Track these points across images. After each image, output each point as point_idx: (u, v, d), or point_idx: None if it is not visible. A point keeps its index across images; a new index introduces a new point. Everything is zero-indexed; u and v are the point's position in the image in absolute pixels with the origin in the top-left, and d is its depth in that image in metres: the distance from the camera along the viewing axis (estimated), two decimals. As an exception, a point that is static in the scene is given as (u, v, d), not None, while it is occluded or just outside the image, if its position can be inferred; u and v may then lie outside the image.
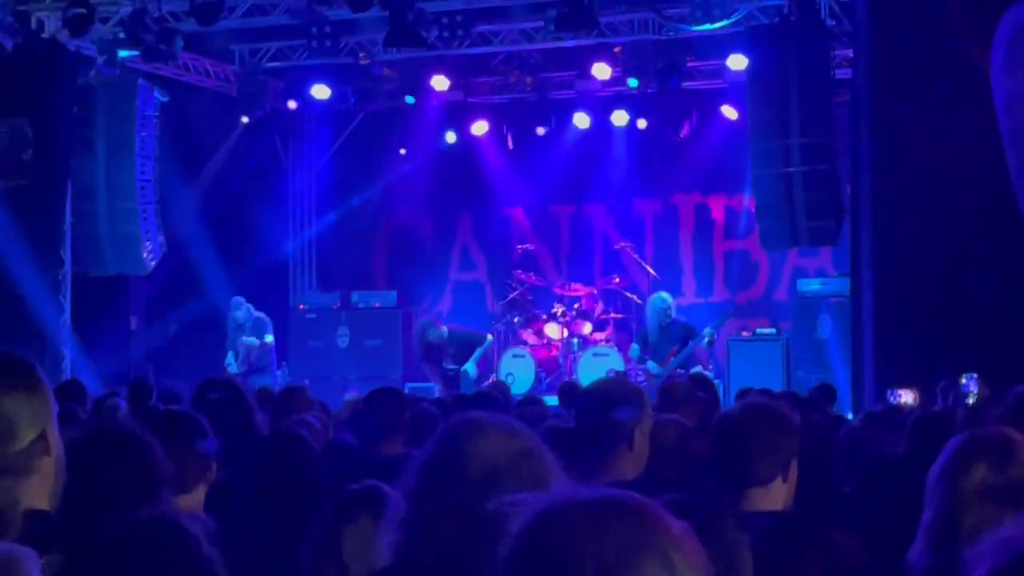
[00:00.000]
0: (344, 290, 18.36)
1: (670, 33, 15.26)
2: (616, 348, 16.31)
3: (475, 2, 14.84)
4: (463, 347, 16.31)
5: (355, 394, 10.94)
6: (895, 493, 4.90)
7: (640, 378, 14.62)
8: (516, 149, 18.86)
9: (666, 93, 16.76)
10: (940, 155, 11.95)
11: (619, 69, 16.54)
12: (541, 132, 18.36)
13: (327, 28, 15.27)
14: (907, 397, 9.83)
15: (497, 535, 2.35)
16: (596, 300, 17.29)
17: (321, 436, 6.48)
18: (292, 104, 17.91)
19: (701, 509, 2.88)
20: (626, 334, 16.88)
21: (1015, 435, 3.60)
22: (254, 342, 15.94)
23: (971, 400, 9.41)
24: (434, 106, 18.30)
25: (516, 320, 17.14)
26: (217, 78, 17.29)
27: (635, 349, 15.55)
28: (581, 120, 17.94)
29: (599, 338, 16.71)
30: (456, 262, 19.50)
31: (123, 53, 14.99)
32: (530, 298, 17.39)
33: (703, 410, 7.25)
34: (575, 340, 16.64)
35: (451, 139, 18.75)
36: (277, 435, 5.02)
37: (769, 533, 3.57)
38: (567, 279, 17.85)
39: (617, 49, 16.32)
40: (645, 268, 17.29)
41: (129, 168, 15.28)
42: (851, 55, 14.01)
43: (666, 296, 15.45)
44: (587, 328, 16.75)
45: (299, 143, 19.48)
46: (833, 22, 14.08)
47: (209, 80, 17.20)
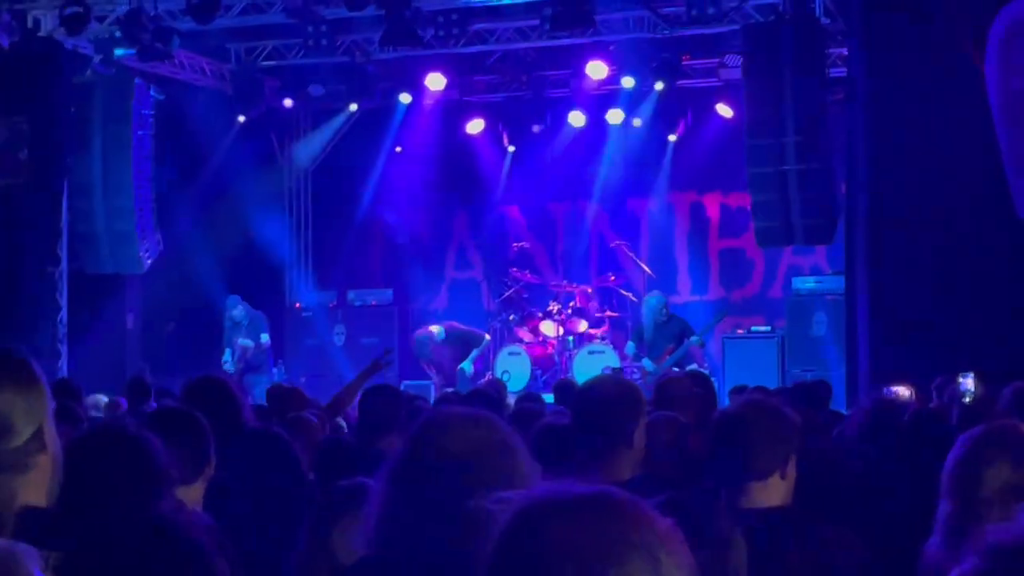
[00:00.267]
0: (340, 288, 18.35)
1: (665, 31, 15.27)
2: (612, 346, 16.30)
3: (471, 1, 14.84)
4: (461, 346, 16.31)
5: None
6: (892, 489, 4.91)
7: (636, 376, 14.63)
8: (512, 147, 18.87)
9: (661, 92, 16.77)
10: (935, 153, 11.98)
11: (615, 67, 16.53)
12: (537, 130, 18.35)
13: (323, 27, 15.27)
14: (903, 393, 9.83)
15: (472, 528, 2.38)
16: (591, 298, 17.28)
17: (318, 432, 6.50)
18: (288, 102, 17.90)
19: (696, 505, 2.89)
20: (621, 332, 16.87)
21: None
22: (249, 344, 15.94)
23: (968, 399, 9.42)
24: (430, 104, 18.29)
25: (512, 318, 17.14)
26: (213, 76, 17.27)
27: (631, 347, 15.56)
28: (577, 118, 17.94)
29: (595, 336, 16.70)
30: (452, 260, 19.50)
31: (119, 51, 14.97)
32: (526, 296, 17.39)
33: (701, 408, 7.22)
34: (571, 338, 16.64)
35: (447, 137, 18.72)
36: (256, 433, 5.03)
37: (765, 528, 3.58)
38: (563, 277, 17.85)
39: (611, 48, 16.31)
40: (640, 266, 17.30)
41: (125, 166, 15.26)
42: (846, 53, 14.03)
43: (661, 295, 15.49)
44: (583, 326, 16.75)
45: (295, 141, 19.45)
46: (828, 20, 14.08)
47: (205, 78, 17.18)
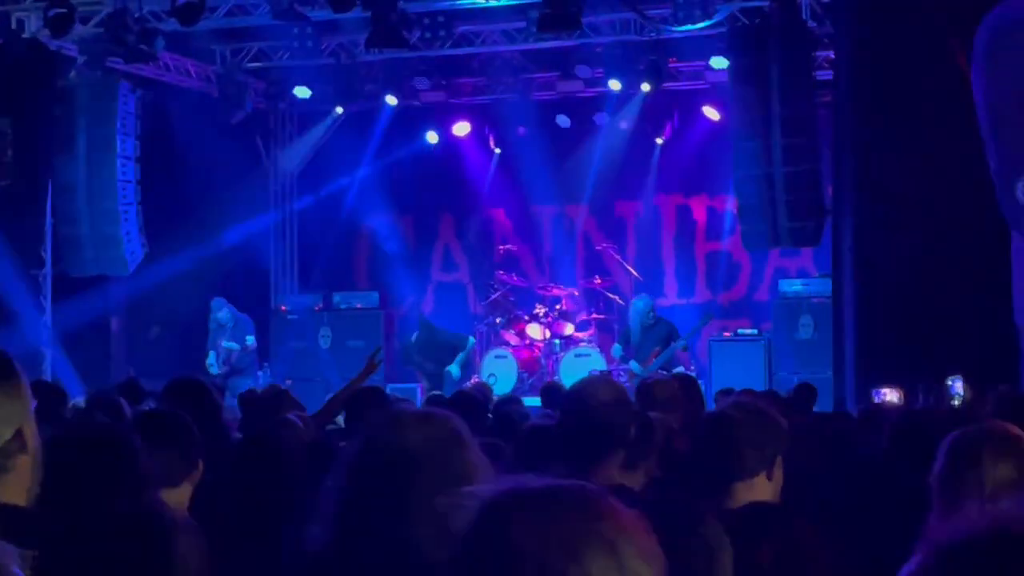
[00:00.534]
0: (326, 291, 18.31)
1: (652, 34, 15.27)
2: (598, 349, 16.30)
3: (457, 3, 14.83)
4: (446, 349, 16.29)
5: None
6: (878, 491, 4.90)
7: (623, 378, 14.63)
8: (498, 150, 18.85)
9: (648, 94, 16.77)
10: (921, 156, 11.99)
11: (601, 70, 16.53)
12: (523, 133, 18.34)
13: (309, 29, 15.25)
14: (891, 396, 9.84)
15: (426, 524, 2.36)
16: (578, 301, 17.28)
17: (304, 435, 6.45)
18: (273, 104, 17.86)
19: (682, 505, 2.88)
20: (608, 335, 16.87)
21: (1015, 429, 3.63)
22: (234, 347, 15.91)
23: (957, 402, 9.44)
24: (416, 107, 18.27)
25: (498, 321, 17.13)
26: (199, 78, 17.24)
27: (617, 349, 15.56)
28: (563, 121, 17.94)
29: (581, 338, 16.70)
30: (438, 263, 19.48)
31: (104, 53, 14.93)
32: (512, 299, 17.38)
33: (688, 410, 7.19)
34: (557, 341, 16.64)
35: (433, 139, 18.74)
36: (253, 437, 5.01)
37: (749, 527, 3.57)
38: (549, 280, 17.85)
39: (598, 50, 16.31)
40: (627, 269, 17.30)
41: (110, 168, 15.20)
42: (832, 56, 14.04)
43: (648, 297, 15.51)
44: (569, 329, 16.75)
45: (280, 143, 19.41)
46: (815, 23, 14.11)
47: (190, 80, 17.15)
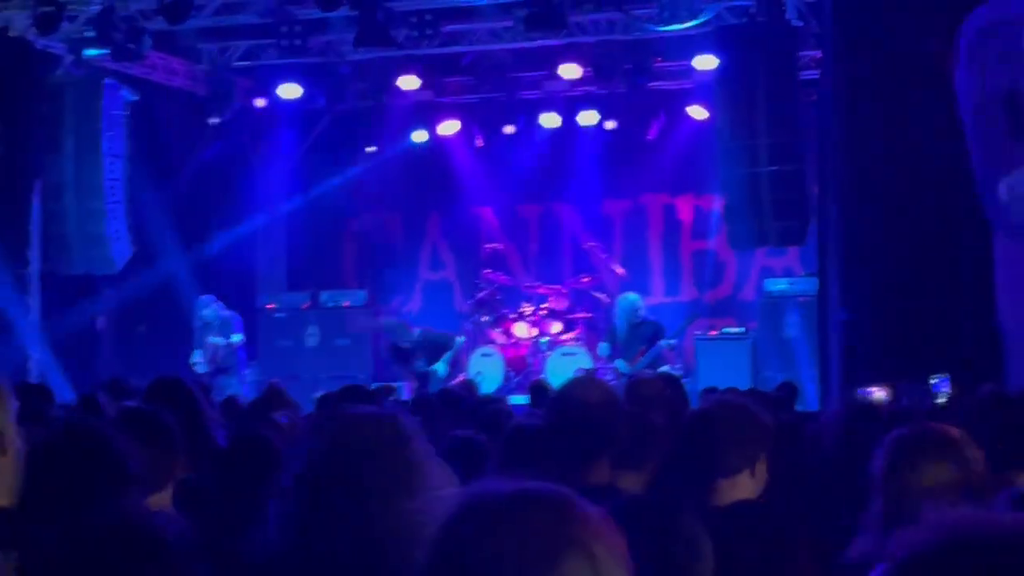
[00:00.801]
0: (313, 289, 18.30)
1: (638, 33, 15.30)
2: (585, 347, 16.32)
3: (444, 2, 14.84)
4: (434, 348, 16.30)
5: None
6: (861, 489, 4.93)
7: (609, 377, 14.65)
8: (485, 149, 18.86)
9: (634, 93, 16.80)
10: (906, 155, 12.04)
11: (588, 69, 16.55)
12: (510, 131, 18.36)
13: (296, 27, 15.24)
14: (878, 394, 9.88)
15: (383, 520, 2.37)
16: (565, 299, 17.30)
17: (288, 435, 6.47)
18: (261, 103, 17.84)
19: (665, 503, 2.90)
20: (595, 333, 16.89)
21: (954, 431, 3.65)
22: (220, 341, 15.89)
23: (942, 400, 9.48)
24: (403, 106, 18.27)
25: (485, 319, 17.14)
26: (186, 77, 17.21)
27: (604, 348, 15.58)
28: (550, 120, 17.96)
29: (568, 337, 16.72)
30: (426, 261, 19.49)
31: (91, 52, 14.92)
32: (499, 297, 17.39)
33: (672, 409, 7.21)
34: (544, 339, 16.66)
35: (420, 138, 18.75)
36: (241, 437, 5.03)
37: (733, 525, 3.59)
38: (536, 279, 17.87)
39: (585, 49, 16.33)
40: (613, 268, 17.32)
41: (97, 167, 15.18)
42: (818, 56, 14.08)
43: (635, 296, 15.53)
44: (556, 327, 16.77)
45: (268, 142, 19.39)
46: (801, 23, 14.14)
47: (178, 79, 17.12)
